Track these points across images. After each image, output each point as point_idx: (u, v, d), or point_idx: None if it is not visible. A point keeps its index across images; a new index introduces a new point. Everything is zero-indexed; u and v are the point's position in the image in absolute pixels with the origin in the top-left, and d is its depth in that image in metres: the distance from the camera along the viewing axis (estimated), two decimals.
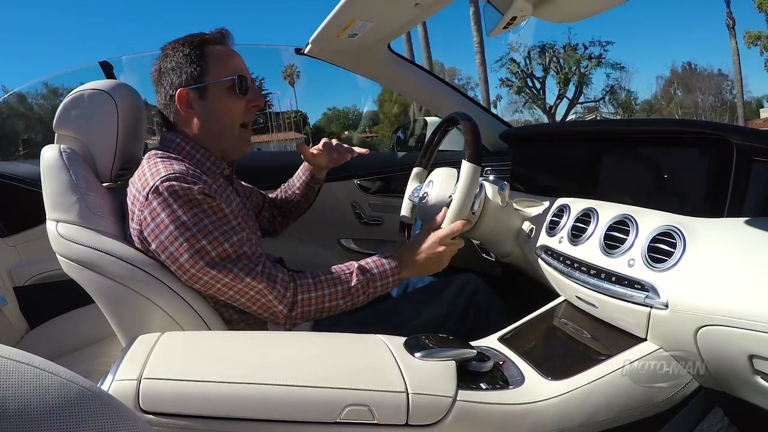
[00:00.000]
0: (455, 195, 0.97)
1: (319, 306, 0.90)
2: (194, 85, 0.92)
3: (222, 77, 0.93)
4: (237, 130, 0.97)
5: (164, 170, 0.84)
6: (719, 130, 0.82)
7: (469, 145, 0.96)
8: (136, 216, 0.86)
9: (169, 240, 0.82)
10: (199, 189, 0.83)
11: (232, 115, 0.95)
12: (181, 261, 0.83)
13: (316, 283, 0.90)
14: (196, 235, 0.82)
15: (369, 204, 1.80)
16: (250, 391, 0.63)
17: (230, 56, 0.96)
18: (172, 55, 0.93)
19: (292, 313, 0.88)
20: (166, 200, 0.82)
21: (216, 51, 0.94)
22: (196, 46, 0.93)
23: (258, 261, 0.86)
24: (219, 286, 0.85)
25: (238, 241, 0.85)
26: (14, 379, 0.31)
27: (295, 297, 0.88)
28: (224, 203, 0.87)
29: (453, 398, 0.68)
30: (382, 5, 1.12)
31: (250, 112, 0.98)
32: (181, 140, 0.94)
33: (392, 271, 0.95)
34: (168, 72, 0.93)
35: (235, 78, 0.93)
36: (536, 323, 0.95)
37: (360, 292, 0.92)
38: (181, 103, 0.93)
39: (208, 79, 0.92)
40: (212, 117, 0.94)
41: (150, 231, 0.84)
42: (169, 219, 0.82)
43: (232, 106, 0.95)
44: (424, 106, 1.70)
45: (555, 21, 1.00)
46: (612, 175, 1.07)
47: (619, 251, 0.82)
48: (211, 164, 0.95)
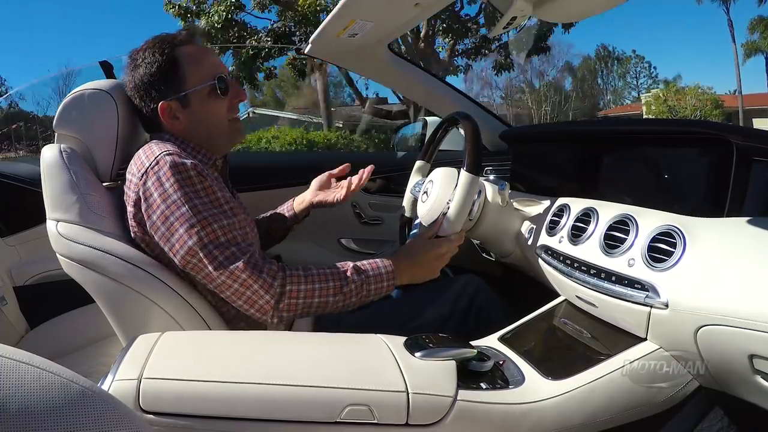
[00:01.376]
0: (452, 204, 0.97)
1: (308, 300, 0.86)
2: (174, 96, 0.92)
3: (201, 83, 0.92)
4: (226, 126, 0.97)
5: (158, 150, 0.86)
6: (719, 130, 0.82)
7: (468, 154, 0.96)
8: (131, 199, 0.86)
9: (161, 219, 0.83)
10: (193, 164, 0.84)
11: (219, 116, 0.96)
12: (173, 241, 0.83)
13: (307, 276, 0.87)
14: (185, 214, 0.82)
15: (369, 204, 1.80)
16: (250, 391, 0.63)
17: (203, 56, 0.94)
18: (143, 66, 0.91)
19: (280, 305, 0.85)
20: (159, 179, 0.83)
21: (188, 54, 0.92)
22: (168, 52, 0.91)
23: (246, 250, 0.85)
24: (207, 271, 0.83)
25: (228, 225, 0.84)
26: (15, 378, 0.31)
27: (283, 288, 0.85)
28: (217, 187, 0.87)
29: (453, 398, 0.68)
30: (382, 5, 1.12)
31: (235, 108, 0.98)
32: (171, 137, 0.95)
33: (387, 275, 0.92)
34: (144, 84, 0.92)
35: (215, 81, 0.93)
36: (536, 323, 0.95)
37: (353, 293, 0.89)
38: (165, 115, 0.93)
39: (187, 87, 0.91)
40: (199, 122, 0.94)
41: (143, 211, 0.85)
42: (161, 198, 0.83)
43: (216, 109, 0.95)
44: (424, 106, 1.70)
45: (555, 21, 1.00)
46: (612, 175, 1.07)
47: (619, 251, 0.82)
48: (202, 156, 0.95)
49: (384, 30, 1.28)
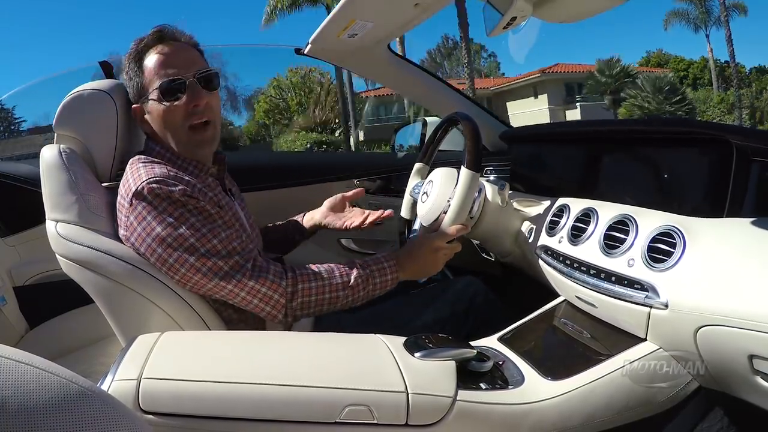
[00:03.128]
0: (453, 201, 0.97)
1: (320, 296, 0.88)
2: (139, 99, 0.93)
3: (154, 86, 0.90)
4: (185, 134, 0.91)
5: (145, 174, 0.84)
6: (719, 130, 0.82)
7: (468, 151, 0.97)
8: (123, 222, 0.86)
9: (156, 242, 0.82)
10: (181, 191, 0.83)
11: (173, 122, 0.90)
12: (170, 261, 0.83)
13: (316, 274, 0.90)
14: (183, 234, 0.82)
15: (369, 204, 1.80)
16: (249, 391, 0.63)
17: (160, 59, 0.90)
18: (125, 70, 0.95)
19: (293, 303, 0.87)
20: (150, 203, 0.83)
21: (150, 58, 0.90)
22: (135, 57, 0.92)
23: (248, 257, 0.86)
24: (211, 285, 0.84)
25: (226, 237, 0.85)
26: (14, 378, 0.31)
27: (295, 286, 0.87)
28: (209, 204, 0.86)
29: (453, 398, 0.68)
30: (382, 5, 1.12)
31: (194, 114, 0.90)
32: (160, 148, 0.93)
33: (390, 269, 0.95)
34: (127, 88, 0.96)
35: (160, 85, 0.88)
36: (536, 323, 0.95)
37: (360, 288, 0.91)
38: (137, 119, 0.95)
39: (146, 90, 0.91)
40: (158, 127, 0.93)
41: (137, 235, 0.84)
42: (156, 221, 0.82)
43: (167, 114, 0.90)
44: (424, 106, 1.71)
45: (555, 21, 1.00)
46: (612, 175, 1.07)
47: (618, 251, 0.82)
48: (193, 168, 0.94)
49: (384, 30, 1.28)
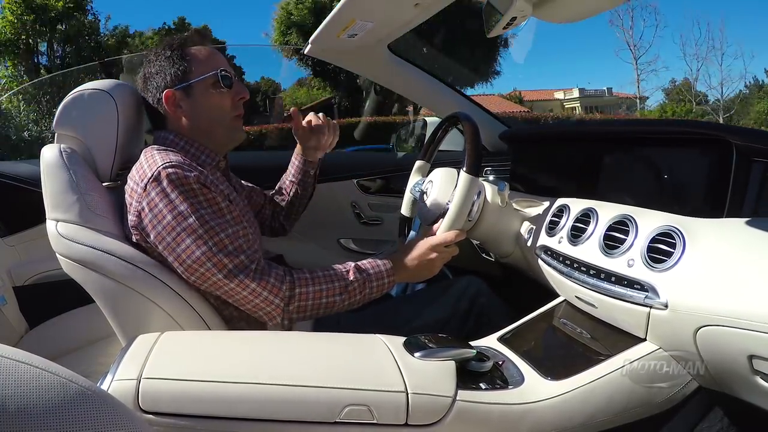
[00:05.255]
0: (451, 205, 0.97)
1: (316, 301, 0.89)
2: (179, 84, 0.94)
3: (205, 74, 0.94)
4: (231, 120, 0.99)
5: (161, 160, 0.86)
6: (719, 131, 0.82)
7: (468, 155, 0.97)
8: (134, 207, 0.86)
9: (167, 230, 0.83)
10: (195, 177, 0.85)
11: (222, 108, 0.97)
12: (179, 251, 0.83)
13: (313, 278, 0.90)
14: (192, 225, 0.83)
15: (368, 204, 1.80)
16: (250, 391, 0.64)
17: (211, 53, 0.98)
18: (154, 60, 0.96)
19: (290, 307, 0.88)
20: (163, 190, 0.83)
21: (196, 50, 0.97)
22: (177, 47, 0.95)
23: (253, 258, 0.86)
24: (214, 280, 0.85)
25: (233, 234, 0.85)
26: (14, 378, 0.31)
27: (292, 291, 0.88)
28: (220, 196, 0.88)
29: (452, 398, 0.68)
30: (382, 5, 1.12)
31: (238, 106, 0.99)
32: (174, 137, 0.95)
33: (387, 272, 0.95)
34: (153, 76, 0.96)
35: (218, 73, 0.95)
36: (536, 323, 0.95)
37: (357, 291, 0.92)
38: (169, 103, 0.94)
39: (192, 77, 0.94)
40: (201, 113, 0.95)
41: (148, 221, 0.85)
42: (167, 209, 0.83)
43: (219, 101, 0.96)
44: (424, 106, 1.71)
45: (555, 21, 1.00)
46: (612, 176, 1.07)
47: (618, 251, 0.82)
48: (206, 157, 0.96)
49: (384, 30, 1.28)
